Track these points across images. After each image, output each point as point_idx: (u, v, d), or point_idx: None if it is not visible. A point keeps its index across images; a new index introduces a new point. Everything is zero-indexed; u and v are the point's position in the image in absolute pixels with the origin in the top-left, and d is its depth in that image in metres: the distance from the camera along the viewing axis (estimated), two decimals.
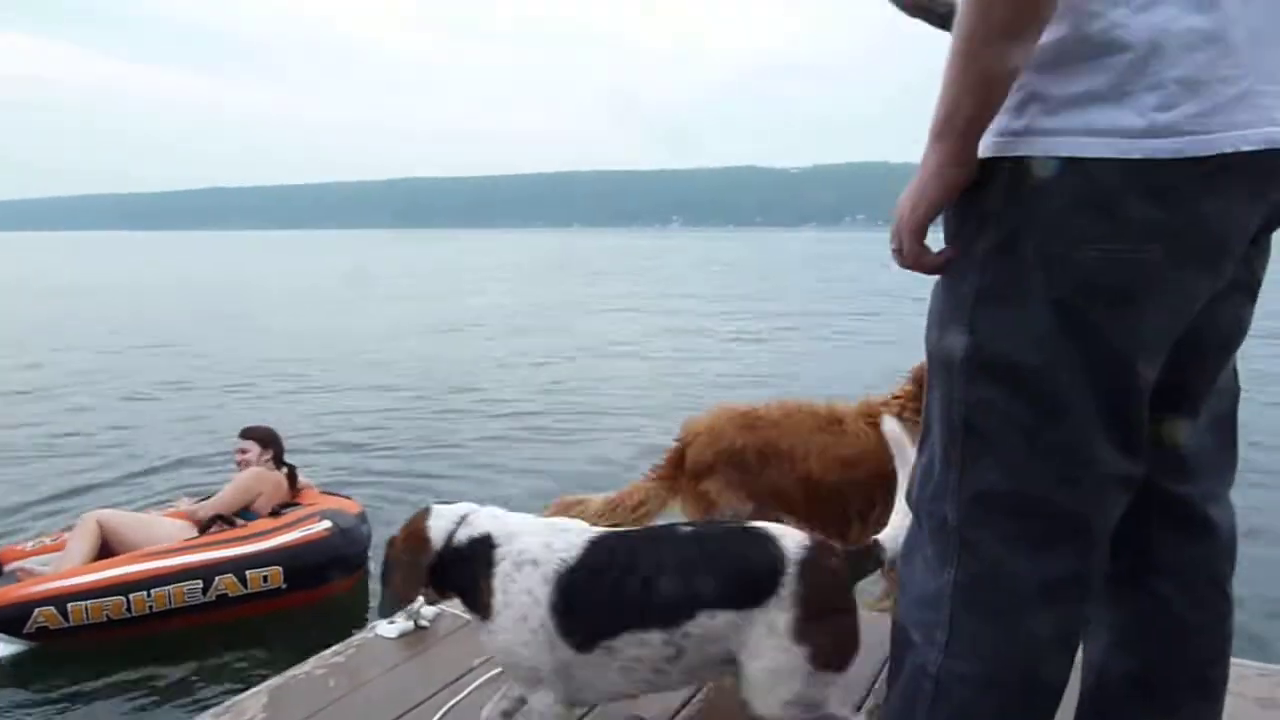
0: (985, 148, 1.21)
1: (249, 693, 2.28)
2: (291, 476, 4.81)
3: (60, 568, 4.07)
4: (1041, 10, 1.12)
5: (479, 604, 1.76)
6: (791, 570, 1.68)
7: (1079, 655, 1.45)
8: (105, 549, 4.26)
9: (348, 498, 4.86)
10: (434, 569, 1.79)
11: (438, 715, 2.14)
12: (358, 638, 2.60)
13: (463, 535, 1.79)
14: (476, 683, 2.30)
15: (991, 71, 1.15)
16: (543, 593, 1.71)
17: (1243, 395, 1.43)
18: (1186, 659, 1.41)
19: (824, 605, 1.68)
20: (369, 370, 11.63)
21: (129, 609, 3.86)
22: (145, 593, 3.88)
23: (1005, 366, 1.22)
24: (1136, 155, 1.12)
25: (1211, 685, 1.43)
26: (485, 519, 1.82)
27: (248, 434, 4.82)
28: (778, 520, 2.48)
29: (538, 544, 1.76)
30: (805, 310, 20.02)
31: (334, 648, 2.53)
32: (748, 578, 1.70)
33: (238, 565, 4.02)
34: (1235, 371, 1.40)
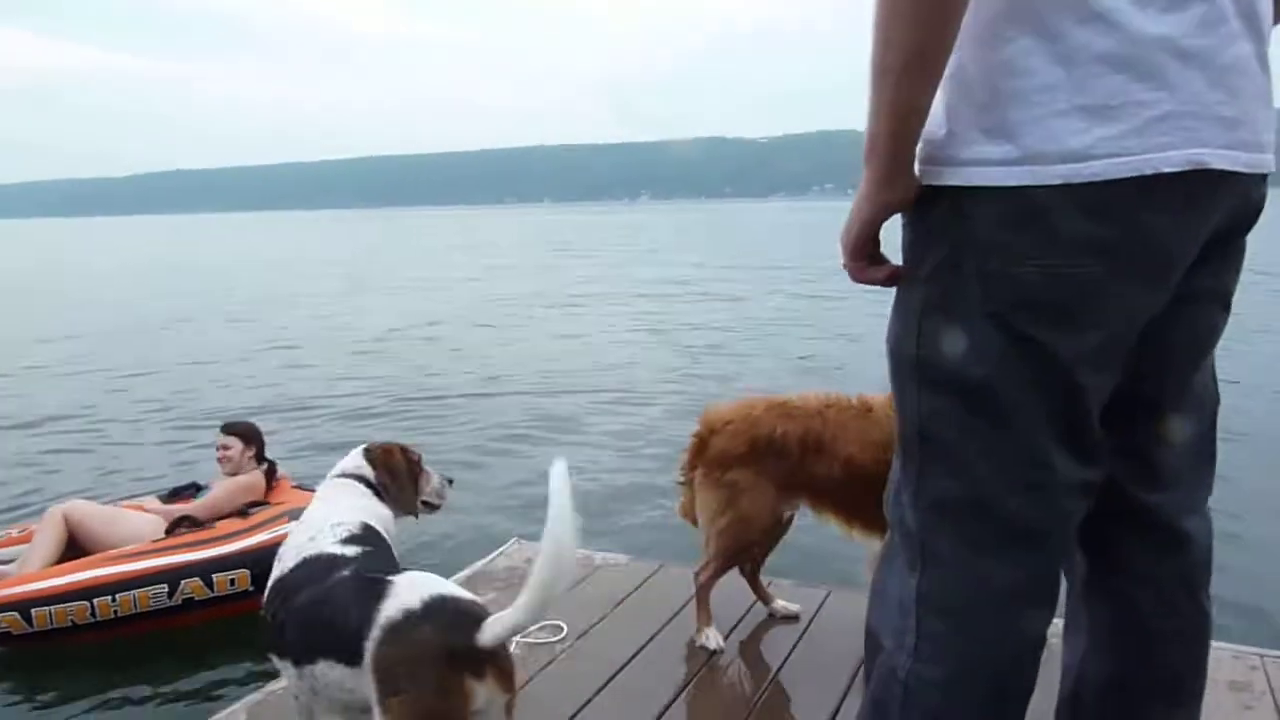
0: (924, 173, 1.25)
1: (225, 712, 2.26)
2: (270, 472, 4.74)
3: (25, 562, 4.02)
4: (939, 41, 1.17)
5: None
6: (375, 635, 1.57)
7: (1063, 661, 1.50)
8: (72, 542, 4.18)
9: None
10: None
11: None
12: None
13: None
14: None
15: (900, 99, 1.19)
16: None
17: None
18: (1159, 666, 1.42)
19: (401, 679, 1.52)
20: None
21: (93, 614, 3.79)
22: (110, 597, 3.80)
23: (953, 378, 1.26)
24: (1057, 181, 1.15)
25: (1185, 693, 1.44)
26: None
27: (229, 430, 4.71)
28: (793, 510, 2.55)
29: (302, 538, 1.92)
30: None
31: None
32: (345, 634, 1.61)
33: (204, 568, 3.93)
34: (1214, 381, 1.41)
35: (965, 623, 1.30)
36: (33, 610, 3.75)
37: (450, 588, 1.67)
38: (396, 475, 2.15)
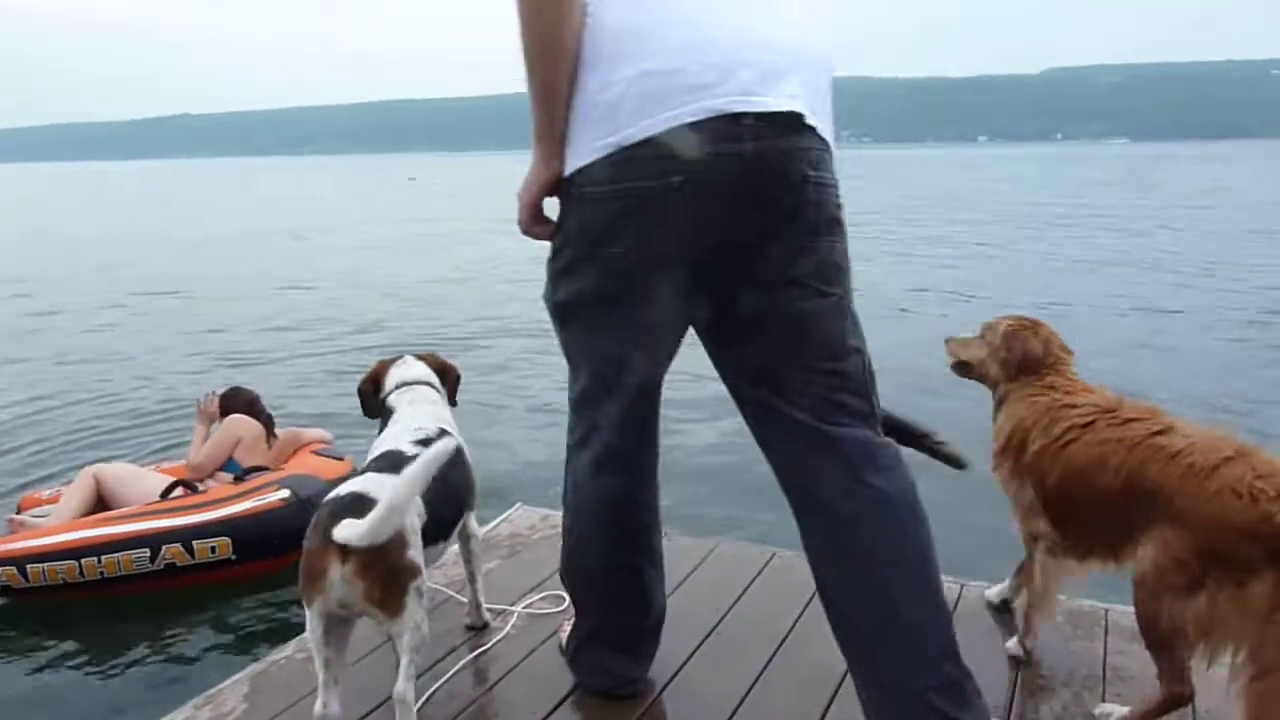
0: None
1: (229, 681, 2.27)
2: (270, 429, 4.74)
3: (54, 521, 4.14)
4: (549, 42, 1.61)
5: None
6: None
7: None
8: (101, 503, 4.29)
9: (340, 458, 4.66)
10: None
11: (419, 701, 2.13)
12: None
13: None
14: (461, 662, 2.31)
15: (537, 87, 1.65)
16: None
17: None
18: (855, 540, 1.76)
19: (303, 540, 1.91)
20: None
21: (81, 573, 3.85)
22: (96, 558, 3.86)
23: (574, 317, 1.83)
24: (586, 171, 1.67)
25: (886, 559, 1.74)
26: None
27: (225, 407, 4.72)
28: None
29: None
30: None
31: None
32: None
33: (185, 535, 3.94)
34: (851, 351, 1.76)
35: (572, 479, 2.01)
36: (28, 566, 3.85)
37: (377, 489, 1.87)
38: (448, 378, 2.48)
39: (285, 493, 4.16)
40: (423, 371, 2.44)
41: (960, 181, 47.82)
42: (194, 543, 3.95)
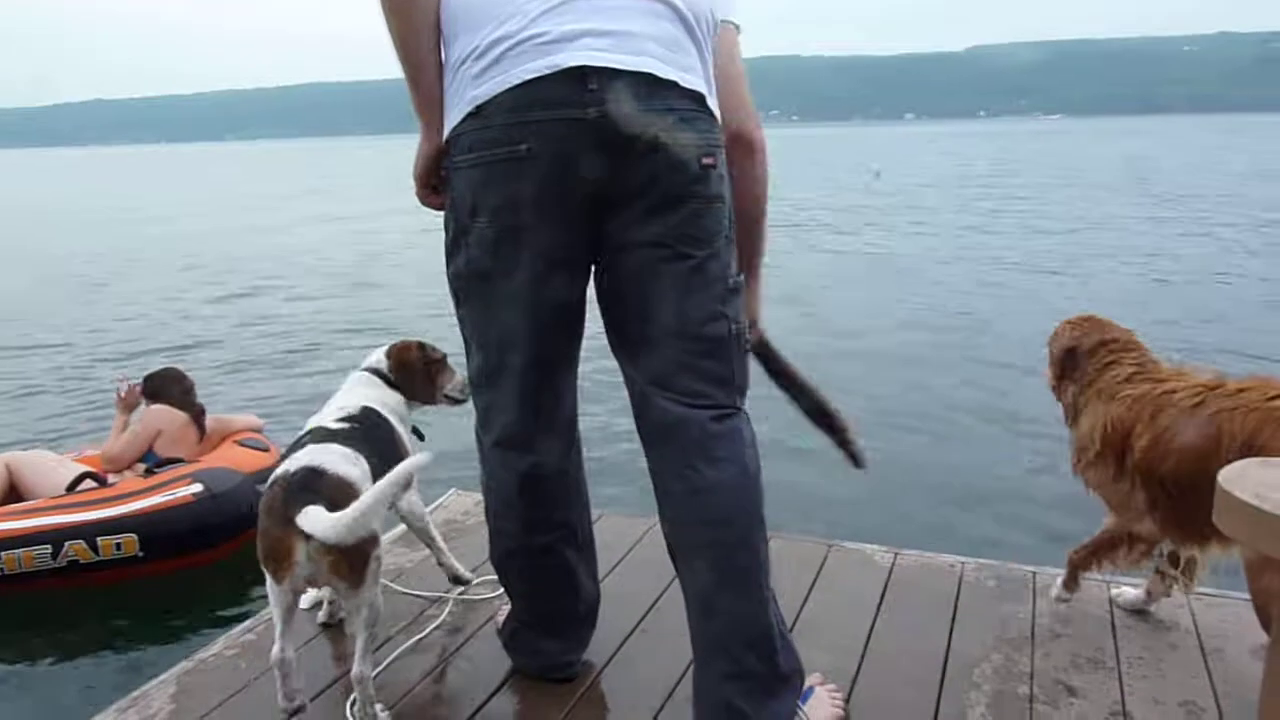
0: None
1: (155, 681, 2.19)
2: (199, 421, 4.57)
3: None
4: (405, 17, 1.65)
5: None
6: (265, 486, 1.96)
7: None
8: (14, 493, 4.09)
9: (265, 449, 4.52)
10: None
11: (354, 694, 2.09)
12: (268, 611, 2.50)
13: None
14: (394, 652, 2.27)
15: (402, 64, 1.70)
16: None
17: None
18: (680, 521, 1.78)
19: (259, 520, 1.89)
20: None
21: None
22: None
23: (462, 293, 1.82)
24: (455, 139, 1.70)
25: (706, 543, 1.74)
26: None
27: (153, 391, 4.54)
28: None
29: None
30: None
31: (244, 624, 2.45)
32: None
33: (89, 531, 3.77)
34: (710, 320, 1.70)
35: (482, 453, 1.98)
36: None
37: (330, 461, 1.92)
38: (407, 368, 2.46)
39: (197, 487, 3.97)
40: (375, 359, 2.48)
41: (925, 157, 48.44)
42: (98, 539, 3.77)
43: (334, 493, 1.84)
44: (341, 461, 1.95)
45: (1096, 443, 2.17)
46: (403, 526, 2.99)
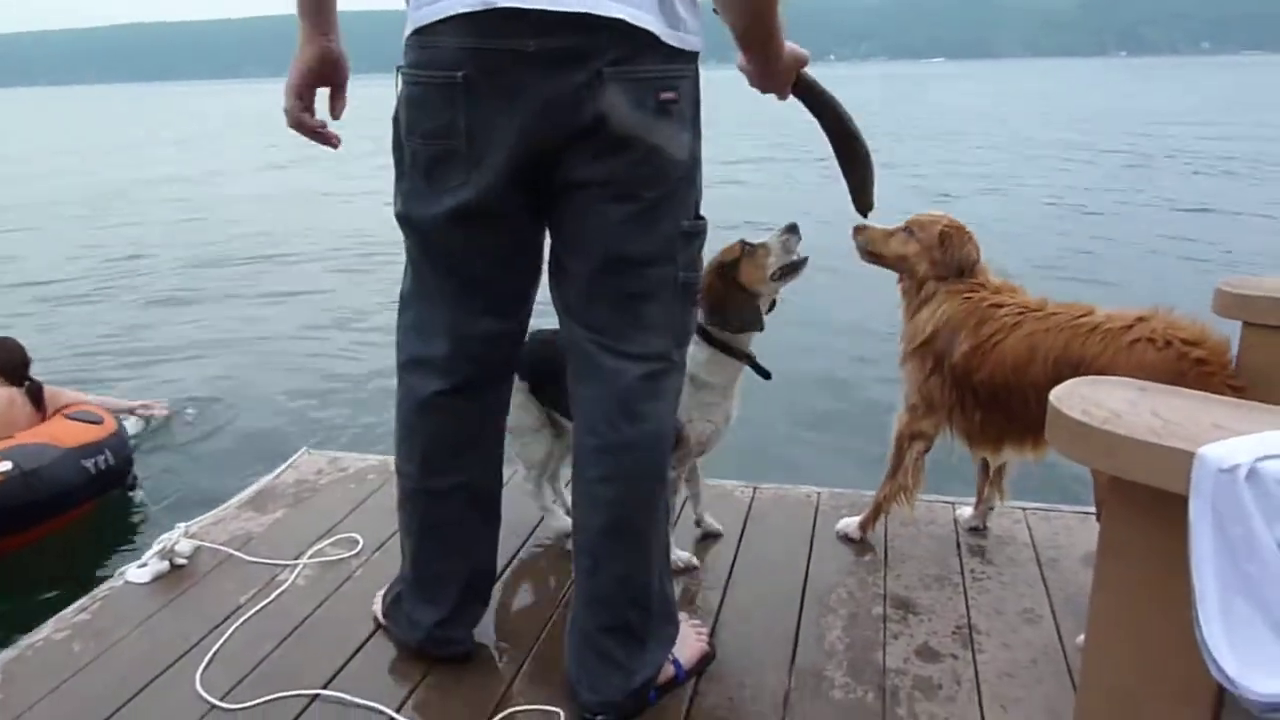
0: None
1: None
2: (35, 395, 4.22)
3: None
4: None
5: None
6: None
7: None
8: None
9: (93, 422, 4.24)
10: None
11: (200, 666, 1.98)
12: (104, 588, 2.34)
13: None
14: (240, 620, 2.16)
15: None
16: None
17: None
18: (589, 479, 1.75)
19: None
20: None
21: None
22: None
23: (405, 228, 1.74)
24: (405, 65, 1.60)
25: (610, 500, 1.73)
26: None
27: None
28: None
29: None
30: None
31: (76, 603, 2.27)
32: None
33: None
34: (650, 263, 1.65)
35: (399, 374, 1.87)
36: None
37: None
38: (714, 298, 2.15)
39: (6, 465, 3.69)
40: None
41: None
42: None
43: None
44: None
45: (926, 331, 2.30)
46: (250, 490, 2.87)
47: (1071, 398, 1.14)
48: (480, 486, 1.93)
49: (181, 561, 2.41)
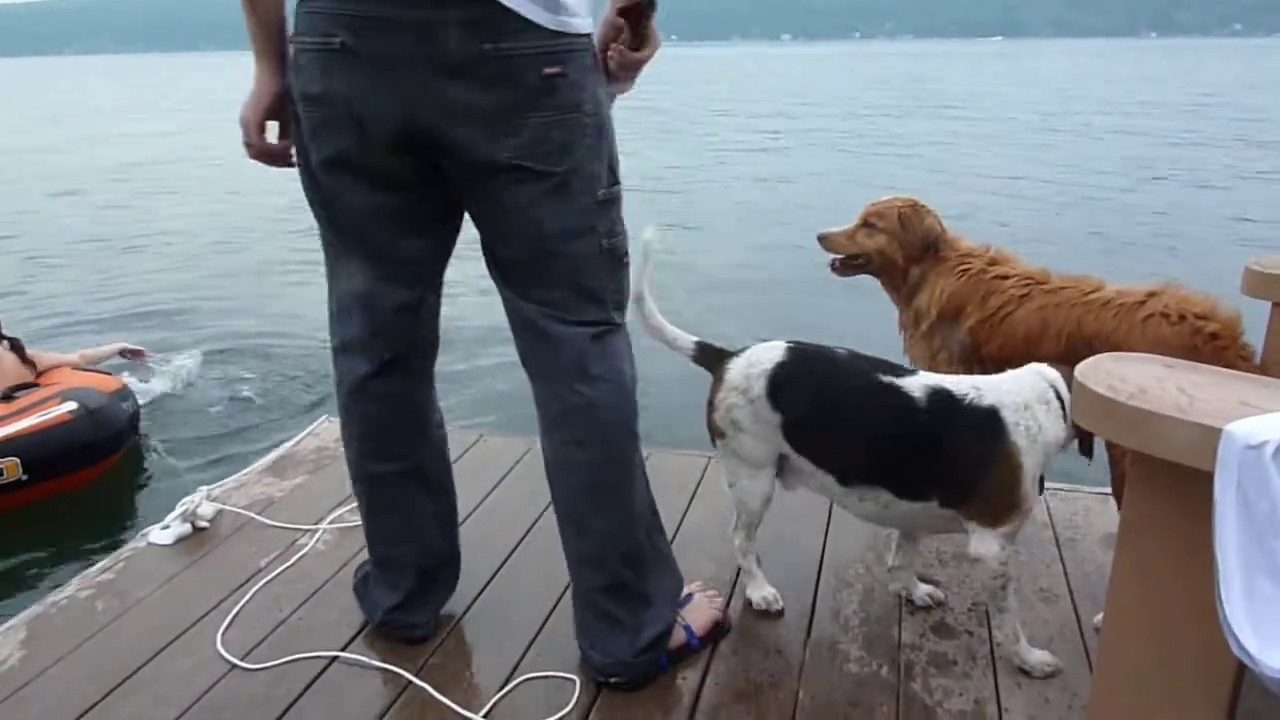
0: None
1: (2, 628, 2.06)
2: (18, 351, 4.27)
3: None
4: None
5: None
6: None
7: None
8: None
9: (106, 374, 4.39)
10: None
11: (221, 627, 2.01)
12: (127, 548, 2.38)
13: None
14: (261, 583, 2.19)
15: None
16: None
17: None
18: (557, 444, 1.77)
19: None
20: None
21: None
22: None
23: (308, 196, 1.72)
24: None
25: (583, 464, 1.75)
26: None
27: None
28: None
29: None
30: None
31: (100, 563, 2.32)
32: None
33: None
34: (577, 235, 1.65)
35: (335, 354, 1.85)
36: None
37: None
38: None
39: (71, 404, 3.83)
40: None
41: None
42: None
43: None
44: None
45: (932, 313, 2.26)
46: (271, 456, 2.90)
47: (1097, 372, 1.14)
48: (423, 468, 1.92)
49: (203, 524, 2.44)
